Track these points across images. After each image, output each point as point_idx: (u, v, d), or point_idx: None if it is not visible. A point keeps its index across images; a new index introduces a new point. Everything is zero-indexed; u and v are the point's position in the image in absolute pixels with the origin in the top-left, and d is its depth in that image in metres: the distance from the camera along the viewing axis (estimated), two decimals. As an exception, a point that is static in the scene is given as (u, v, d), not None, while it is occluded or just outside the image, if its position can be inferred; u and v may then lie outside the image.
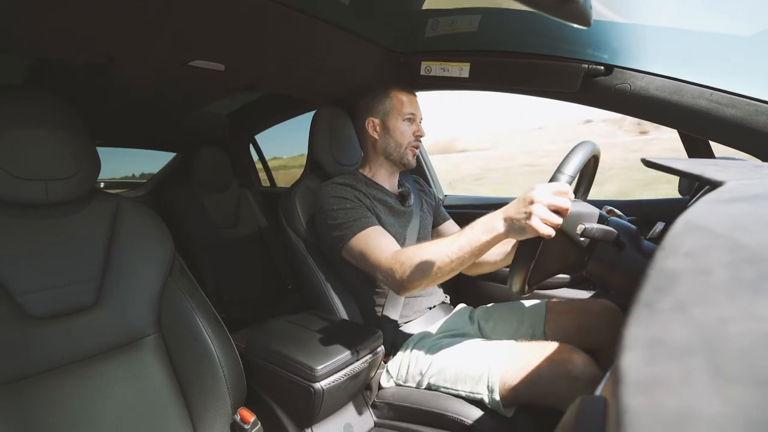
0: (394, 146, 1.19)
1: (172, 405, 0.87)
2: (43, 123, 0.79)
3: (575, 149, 0.80)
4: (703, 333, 0.17)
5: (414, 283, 0.91)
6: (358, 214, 1.06)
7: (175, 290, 0.91)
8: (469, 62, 1.21)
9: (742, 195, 0.35)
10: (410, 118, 1.19)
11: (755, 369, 0.15)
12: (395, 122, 1.18)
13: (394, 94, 1.20)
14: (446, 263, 0.86)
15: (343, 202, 1.08)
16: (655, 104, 0.97)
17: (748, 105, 0.88)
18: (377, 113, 1.21)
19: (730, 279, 0.20)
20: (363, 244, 1.02)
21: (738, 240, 0.23)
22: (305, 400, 0.89)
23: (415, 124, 1.20)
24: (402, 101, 1.19)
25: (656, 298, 0.20)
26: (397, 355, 1.09)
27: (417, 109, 1.21)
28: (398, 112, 1.18)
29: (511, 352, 0.92)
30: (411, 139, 1.19)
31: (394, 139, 1.19)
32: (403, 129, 1.18)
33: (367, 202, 1.11)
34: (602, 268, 0.79)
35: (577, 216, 0.79)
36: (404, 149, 1.19)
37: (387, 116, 1.19)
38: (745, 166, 0.63)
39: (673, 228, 0.28)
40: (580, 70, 1.05)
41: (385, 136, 1.20)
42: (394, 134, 1.19)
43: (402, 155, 1.19)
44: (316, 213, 1.13)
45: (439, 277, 0.89)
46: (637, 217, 1.26)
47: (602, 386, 0.37)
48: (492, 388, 0.89)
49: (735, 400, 0.14)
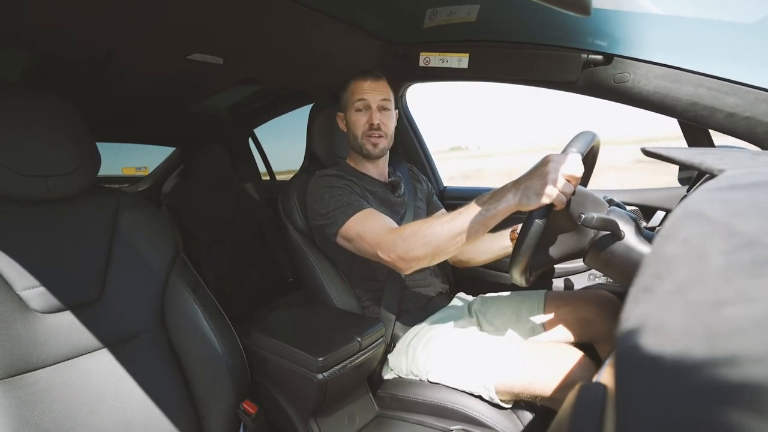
0: (353, 138, 1.16)
1: (175, 398, 0.88)
2: (43, 119, 0.79)
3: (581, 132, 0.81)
4: (700, 315, 0.17)
5: (420, 257, 0.86)
6: (350, 198, 1.03)
7: (178, 284, 0.91)
8: (468, 53, 1.20)
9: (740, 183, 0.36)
10: (361, 106, 1.13)
11: (748, 348, 0.15)
12: (350, 113, 1.15)
13: (350, 84, 1.15)
14: (453, 235, 0.82)
15: (333, 190, 1.05)
16: (655, 93, 0.97)
17: (749, 93, 0.87)
18: (343, 107, 1.18)
19: (726, 264, 0.20)
20: (359, 225, 0.98)
21: (734, 227, 0.24)
22: (309, 390, 0.90)
23: (369, 112, 1.12)
24: (353, 90, 1.13)
25: (654, 282, 0.21)
26: (396, 348, 1.09)
27: (373, 94, 1.12)
28: (351, 103, 1.14)
29: (508, 350, 0.92)
30: (365, 129, 1.13)
31: (352, 132, 1.16)
32: (356, 119, 1.14)
33: (357, 189, 1.09)
34: (602, 257, 0.80)
35: (582, 202, 0.79)
36: (360, 140, 1.14)
37: (346, 109, 1.17)
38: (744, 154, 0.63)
39: (671, 215, 0.28)
40: (579, 60, 1.04)
41: (348, 130, 1.18)
42: (351, 127, 1.16)
43: (360, 146, 1.15)
44: (308, 205, 1.11)
45: (446, 250, 0.85)
46: (637, 206, 1.26)
47: (601, 373, 0.38)
48: (488, 387, 0.89)
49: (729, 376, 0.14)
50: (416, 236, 0.85)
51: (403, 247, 0.86)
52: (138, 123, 2.06)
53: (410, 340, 1.06)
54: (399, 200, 1.20)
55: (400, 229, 0.91)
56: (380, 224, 0.96)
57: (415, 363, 1.02)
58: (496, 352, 0.92)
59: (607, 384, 0.25)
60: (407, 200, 1.23)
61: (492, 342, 0.96)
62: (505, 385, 0.88)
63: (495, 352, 0.92)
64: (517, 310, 1.13)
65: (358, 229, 0.97)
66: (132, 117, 1.93)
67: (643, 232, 0.79)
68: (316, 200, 1.08)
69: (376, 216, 0.99)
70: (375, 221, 0.97)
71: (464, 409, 0.93)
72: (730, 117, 0.89)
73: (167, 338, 0.91)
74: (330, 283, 1.15)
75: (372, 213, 1.00)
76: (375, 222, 0.97)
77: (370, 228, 0.96)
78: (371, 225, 0.96)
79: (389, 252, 0.89)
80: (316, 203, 1.08)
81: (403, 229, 0.90)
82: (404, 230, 0.89)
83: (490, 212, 0.79)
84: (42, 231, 0.80)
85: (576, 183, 0.74)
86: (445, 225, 0.83)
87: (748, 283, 0.18)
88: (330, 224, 1.03)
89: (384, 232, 0.92)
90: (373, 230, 0.95)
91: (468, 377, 0.93)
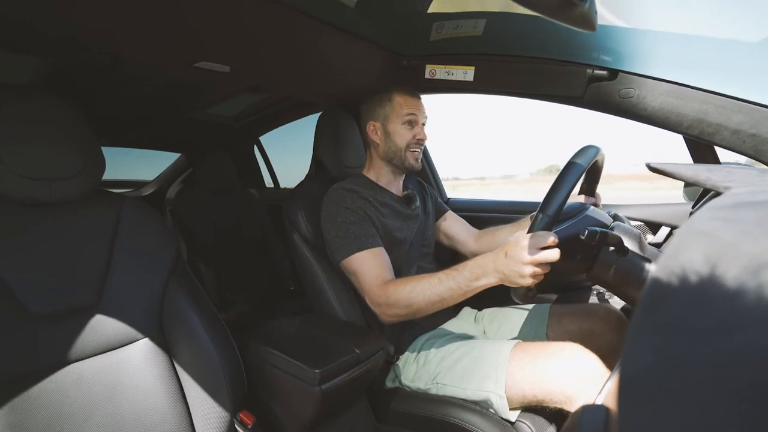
0: (395, 150, 1.18)
1: (171, 406, 0.87)
2: (48, 122, 0.79)
3: (558, 180, 0.80)
4: (705, 342, 0.17)
5: (399, 316, 0.98)
6: (360, 231, 1.06)
7: (177, 291, 0.91)
8: (474, 66, 1.21)
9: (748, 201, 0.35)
10: (410, 120, 1.17)
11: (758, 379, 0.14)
12: (395, 125, 1.17)
13: (394, 97, 1.19)
14: (432, 302, 0.92)
15: (347, 214, 1.08)
16: (660, 109, 0.97)
17: (755, 111, 0.87)
18: (378, 117, 1.20)
19: (733, 288, 0.19)
20: (357, 264, 1.04)
21: (742, 247, 0.23)
22: (306, 402, 0.89)
23: (417, 127, 1.18)
24: (401, 104, 1.18)
25: (658, 305, 0.20)
26: (404, 356, 1.09)
27: (419, 111, 1.19)
28: (398, 115, 1.17)
29: (517, 349, 0.93)
30: (411, 142, 1.17)
31: (394, 143, 1.18)
32: (403, 132, 1.17)
33: (372, 212, 1.11)
34: (605, 273, 0.79)
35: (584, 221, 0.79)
36: (404, 153, 1.18)
37: (387, 119, 1.18)
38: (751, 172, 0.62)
39: (677, 234, 0.28)
40: (584, 75, 1.04)
41: (386, 140, 1.19)
42: (394, 138, 1.17)
43: (403, 159, 1.18)
44: (323, 216, 1.13)
45: (422, 312, 0.95)
46: (641, 221, 1.25)
47: (603, 394, 0.37)
48: (498, 383, 0.90)
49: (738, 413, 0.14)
50: (399, 300, 0.95)
51: (387, 305, 0.98)
52: (144, 128, 2.08)
53: (421, 345, 1.08)
54: (413, 213, 1.23)
55: (388, 288, 0.98)
56: (376, 272, 1.02)
57: (425, 367, 1.02)
58: (507, 351, 0.94)
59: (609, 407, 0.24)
60: (419, 213, 1.25)
61: (501, 343, 0.98)
62: (516, 383, 0.88)
63: (505, 351, 0.94)
64: (522, 322, 1.14)
65: (357, 267, 1.05)
66: (138, 122, 1.95)
67: (647, 248, 0.78)
68: (329, 216, 1.10)
69: (374, 261, 1.04)
70: (374, 267, 1.03)
71: (464, 424, 0.91)
72: (736, 134, 0.89)
73: (164, 345, 0.90)
74: (334, 292, 1.15)
75: (374, 255, 1.05)
76: (373, 268, 1.03)
77: (367, 272, 1.03)
78: (369, 269, 1.03)
79: (374, 304, 1.01)
80: (328, 219, 1.10)
81: (390, 286, 0.98)
82: (390, 288, 0.98)
83: (471, 287, 0.88)
84: (43, 234, 0.80)
85: (554, 244, 0.76)
86: (428, 292, 0.92)
87: (756, 307, 0.18)
88: (336, 250, 1.09)
89: (376, 284, 1.01)
90: (368, 277, 1.02)
91: (478, 376, 0.93)
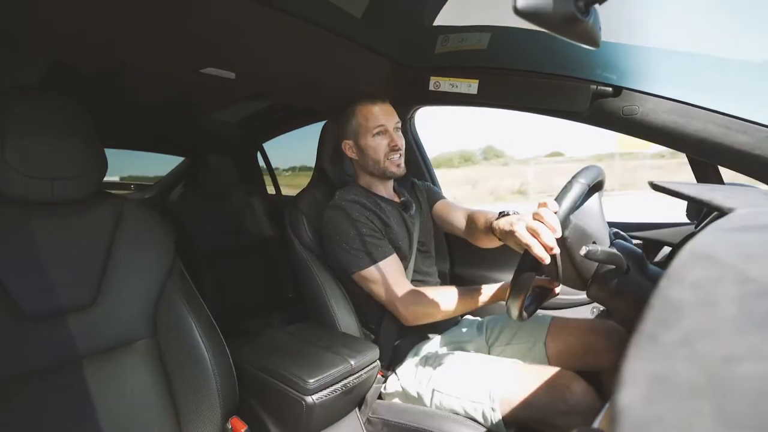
0: (373, 163, 1.16)
1: (161, 410, 0.86)
2: (53, 123, 0.80)
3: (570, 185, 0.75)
4: (709, 372, 0.16)
5: (417, 322, 1.04)
6: (376, 242, 1.07)
7: (173, 294, 0.90)
8: (478, 79, 1.21)
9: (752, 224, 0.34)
10: (380, 131, 1.14)
11: (763, 416, 0.14)
12: (365, 140, 1.14)
13: (358, 111, 1.16)
14: (448, 312, 1.01)
15: (358, 226, 1.07)
16: (663, 127, 0.96)
17: (758, 131, 0.86)
18: (348, 134, 1.18)
19: (738, 314, 0.19)
20: (377, 275, 1.05)
21: (746, 272, 0.22)
22: (297, 413, 0.87)
23: (388, 135, 1.14)
24: (366, 116, 1.14)
25: (660, 330, 0.19)
26: (404, 363, 1.09)
27: (387, 118, 1.15)
28: (366, 129, 1.14)
29: (513, 371, 0.93)
30: (386, 151, 1.14)
31: (370, 157, 1.15)
32: (375, 145, 1.14)
33: (378, 224, 1.10)
34: (605, 291, 0.78)
35: (584, 235, 0.78)
36: (383, 164, 1.15)
37: (357, 135, 1.16)
38: (755, 193, 0.62)
39: (679, 256, 0.27)
40: (588, 91, 1.04)
41: (362, 156, 1.17)
42: (368, 152, 1.15)
43: (383, 170, 1.16)
44: (328, 231, 1.12)
45: (440, 319, 1.03)
46: (643, 240, 1.24)
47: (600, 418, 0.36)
48: (494, 398, 0.89)
49: None
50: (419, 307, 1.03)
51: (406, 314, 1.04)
52: (149, 132, 2.09)
53: (419, 354, 1.09)
54: (410, 218, 1.23)
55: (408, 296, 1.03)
56: (396, 282, 1.05)
57: (423, 373, 1.02)
58: (503, 371, 0.93)
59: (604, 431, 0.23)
60: (415, 215, 1.25)
61: (499, 362, 0.98)
62: (509, 404, 0.88)
63: (501, 371, 0.94)
64: (523, 334, 1.13)
65: (376, 279, 1.06)
66: (143, 126, 1.96)
67: (648, 267, 0.77)
68: (338, 230, 1.09)
69: (394, 270, 1.06)
70: (392, 277, 1.05)
71: None
72: (739, 154, 0.88)
73: (158, 348, 0.89)
74: (333, 301, 1.14)
75: (391, 266, 1.07)
76: (392, 277, 1.05)
77: (386, 283, 1.05)
78: (387, 280, 1.05)
79: (393, 311, 1.06)
80: (337, 233, 1.09)
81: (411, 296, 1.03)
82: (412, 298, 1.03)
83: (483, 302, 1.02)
84: (43, 233, 0.80)
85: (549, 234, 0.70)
86: (447, 303, 1.01)
87: (763, 337, 0.17)
88: (352, 262, 1.08)
89: (395, 294, 1.04)
90: (388, 288, 1.05)
91: (475, 388, 0.93)
